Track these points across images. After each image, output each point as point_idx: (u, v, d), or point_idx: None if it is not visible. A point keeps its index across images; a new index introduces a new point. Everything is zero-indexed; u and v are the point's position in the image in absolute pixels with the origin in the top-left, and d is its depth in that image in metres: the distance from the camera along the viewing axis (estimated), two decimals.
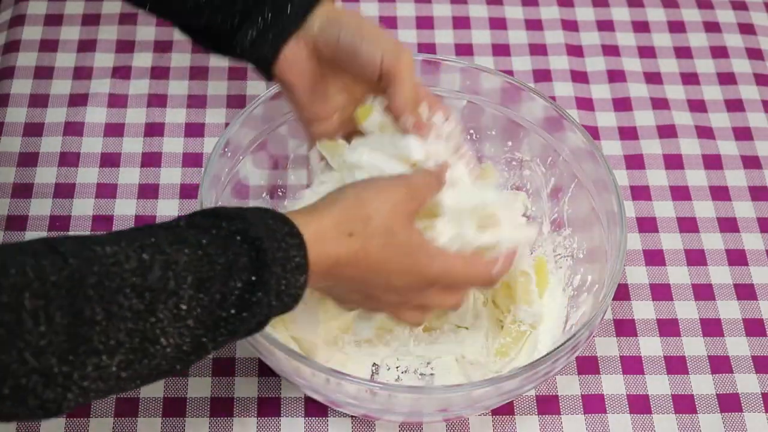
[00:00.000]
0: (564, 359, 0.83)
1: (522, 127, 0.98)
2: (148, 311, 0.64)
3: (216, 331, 0.68)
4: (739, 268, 1.00)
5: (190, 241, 0.67)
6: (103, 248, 0.64)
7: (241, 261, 0.68)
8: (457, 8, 1.21)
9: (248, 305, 0.68)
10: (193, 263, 0.66)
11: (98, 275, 0.63)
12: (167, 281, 0.65)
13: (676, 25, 1.21)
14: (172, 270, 0.65)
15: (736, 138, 1.11)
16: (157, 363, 0.66)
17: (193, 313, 0.66)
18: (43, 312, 0.60)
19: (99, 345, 0.62)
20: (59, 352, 0.61)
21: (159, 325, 0.64)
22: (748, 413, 0.91)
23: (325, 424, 0.89)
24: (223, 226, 0.69)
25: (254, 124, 0.95)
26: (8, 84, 1.11)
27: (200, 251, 0.67)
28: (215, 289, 0.66)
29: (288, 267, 0.70)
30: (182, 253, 0.66)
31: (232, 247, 0.68)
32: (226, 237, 0.68)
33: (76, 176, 1.04)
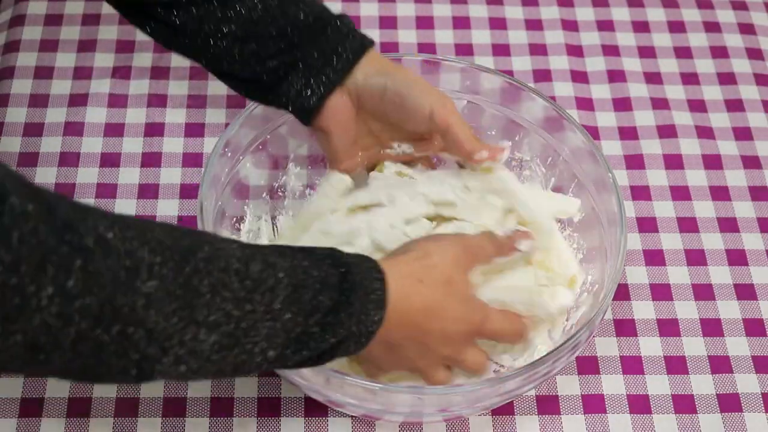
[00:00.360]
0: (564, 359, 0.83)
1: (522, 127, 0.98)
2: (246, 299, 0.66)
3: (297, 343, 0.70)
4: (739, 268, 1.01)
5: (287, 253, 0.70)
6: (210, 235, 0.68)
7: (331, 280, 0.71)
8: (457, 8, 1.21)
9: (331, 324, 0.70)
10: (289, 269, 0.69)
11: (208, 252, 0.65)
12: (267, 277, 0.67)
13: (676, 25, 1.21)
14: (271, 269, 0.68)
15: (736, 138, 1.11)
16: (244, 358, 0.68)
17: (282, 316, 0.68)
18: (158, 267, 0.62)
19: (200, 316, 0.64)
20: (166, 311, 0.63)
21: (253, 316, 0.66)
22: (748, 413, 0.91)
23: (325, 424, 0.89)
24: (316, 252, 0.73)
25: (254, 124, 0.95)
26: (8, 84, 1.11)
27: (296, 261, 0.70)
28: (306, 298, 0.69)
29: (371, 297, 0.73)
30: (281, 259, 0.69)
31: (324, 267, 0.71)
32: (318, 259, 0.72)
33: (76, 176, 1.04)
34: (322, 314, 0.70)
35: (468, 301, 0.81)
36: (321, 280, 0.70)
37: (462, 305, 0.80)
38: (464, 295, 0.81)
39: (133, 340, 0.62)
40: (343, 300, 0.71)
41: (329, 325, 0.70)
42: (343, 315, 0.71)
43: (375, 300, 0.73)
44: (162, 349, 0.63)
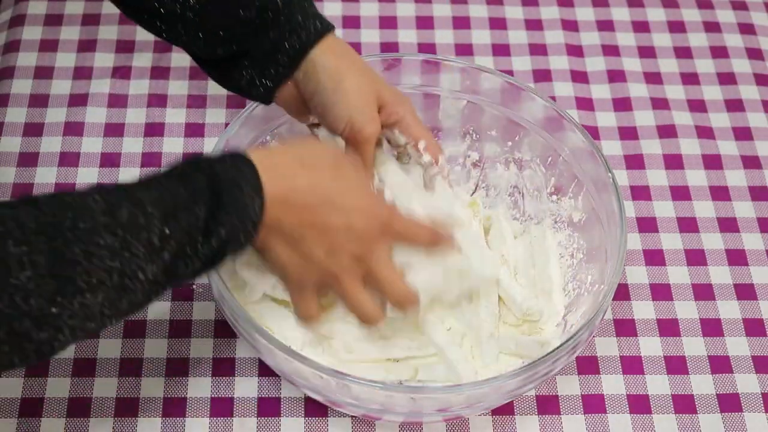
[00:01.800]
0: (564, 359, 0.83)
1: (522, 127, 0.98)
2: (123, 248, 0.67)
3: (187, 259, 0.70)
4: (739, 268, 1.01)
5: (152, 183, 0.71)
6: (71, 197, 0.67)
7: (201, 189, 0.71)
8: (457, 8, 1.21)
9: (215, 227, 0.71)
10: (158, 200, 0.69)
11: (72, 219, 0.66)
12: (136, 217, 0.68)
13: (676, 25, 1.21)
14: (139, 207, 0.68)
15: (736, 138, 1.11)
16: (137, 297, 0.69)
17: (165, 245, 0.69)
18: (27, 257, 0.63)
19: (83, 284, 0.65)
20: (47, 294, 0.64)
21: (135, 260, 0.67)
22: (748, 413, 0.91)
23: (325, 424, 0.89)
24: (179, 166, 0.72)
25: (254, 124, 0.95)
26: (8, 84, 1.11)
27: (162, 187, 0.70)
28: (182, 219, 0.69)
29: (245, 189, 0.72)
30: (147, 192, 0.69)
31: (191, 179, 0.71)
32: (183, 173, 0.72)
33: (76, 176, 1.04)
34: (203, 223, 0.70)
35: (366, 190, 0.81)
36: (191, 195, 0.70)
37: (360, 192, 0.79)
38: (359, 183, 0.80)
39: (24, 333, 0.64)
40: (215, 201, 0.71)
41: (211, 231, 0.71)
42: (222, 213, 0.71)
43: (250, 189, 0.73)
44: (55, 328, 0.65)
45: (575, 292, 0.93)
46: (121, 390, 0.90)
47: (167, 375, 0.91)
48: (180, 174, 0.72)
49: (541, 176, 0.99)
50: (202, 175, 0.72)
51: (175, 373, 0.91)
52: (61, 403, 0.89)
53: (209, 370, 0.91)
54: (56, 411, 0.88)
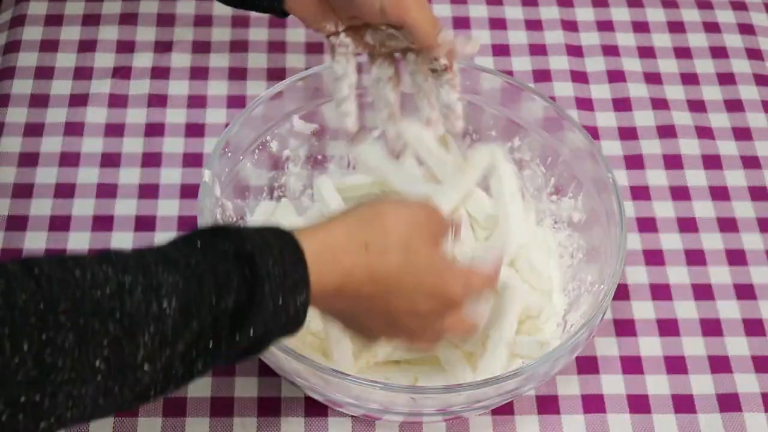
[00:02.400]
0: (564, 359, 0.83)
1: (522, 127, 0.98)
2: (127, 337, 0.60)
3: (210, 353, 0.64)
4: (739, 268, 1.00)
5: (178, 262, 0.63)
6: (83, 271, 0.61)
7: (233, 279, 0.64)
8: (457, 8, 1.21)
9: (241, 326, 0.64)
10: (179, 285, 0.62)
11: (72, 301, 0.59)
12: (149, 306, 0.61)
13: (676, 25, 1.21)
14: (155, 293, 0.62)
15: (735, 138, 1.11)
16: (142, 388, 0.63)
17: (179, 337, 0.62)
18: (9, 340, 0.57)
19: (71, 373, 0.59)
20: (27, 381, 0.58)
21: (141, 351, 0.61)
22: (747, 413, 0.91)
23: (325, 424, 0.89)
24: (218, 244, 0.65)
25: (254, 124, 0.95)
26: (8, 84, 1.11)
27: (188, 271, 0.63)
28: (204, 313, 0.63)
29: (286, 284, 0.65)
30: (169, 274, 0.62)
31: (223, 264, 0.64)
32: (217, 255, 0.64)
33: (76, 176, 1.04)
34: (229, 318, 0.64)
35: (441, 274, 0.73)
36: (219, 285, 0.63)
37: (432, 278, 0.72)
38: (431, 267, 0.72)
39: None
40: (248, 299, 0.64)
41: (239, 326, 0.64)
42: (253, 313, 0.64)
43: (292, 285, 0.65)
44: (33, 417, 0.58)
45: (575, 292, 0.93)
46: None
47: None
48: (215, 255, 0.64)
49: (541, 176, 0.99)
50: (238, 261, 0.64)
51: None
52: None
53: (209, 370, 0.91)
54: None
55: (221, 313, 0.63)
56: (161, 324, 0.61)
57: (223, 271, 0.64)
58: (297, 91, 0.97)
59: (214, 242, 0.65)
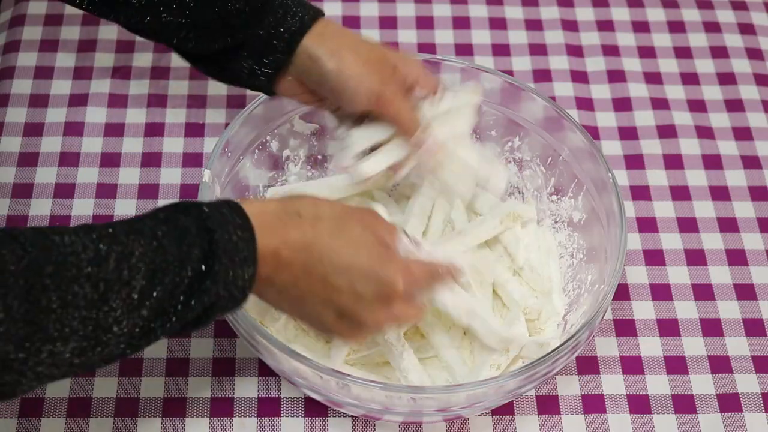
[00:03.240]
0: (564, 359, 0.83)
1: (522, 127, 0.98)
2: (101, 300, 0.65)
3: (166, 318, 0.69)
4: (739, 268, 1.01)
5: (146, 233, 0.69)
6: (61, 238, 0.65)
7: (194, 252, 0.69)
8: (457, 8, 1.21)
9: (197, 294, 0.69)
10: (147, 254, 0.67)
11: (55, 264, 0.64)
12: (121, 272, 0.66)
13: (676, 25, 1.21)
14: (127, 261, 0.67)
15: (736, 138, 1.11)
16: (110, 350, 0.68)
17: (145, 302, 0.67)
18: (2, 300, 0.62)
19: (54, 332, 0.64)
20: (16, 339, 0.63)
21: (112, 314, 0.66)
22: (748, 413, 0.91)
23: (325, 424, 0.89)
24: (180, 219, 0.70)
25: (254, 124, 0.95)
26: (8, 84, 1.11)
27: (155, 242, 0.68)
28: (168, 279, 0.68)
29: (236, 259, 0.70)
30: (138, 244, 0.68)
31: (187, 237, 0.69)
32: (182, 229, 0.70)
33: (76, 176, 1.04)
34: (186, 285, 0.69)
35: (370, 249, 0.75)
36: (181, 256, 0.68)
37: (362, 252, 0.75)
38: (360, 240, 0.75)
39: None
40: (206, 270, 0.69)
41: (195, 295, 0.69)
42: (208, 282, 0.69)
43: (242, 261, 0.70)
44: (18, 373, 0.64)
45: (575, 292, 0.93)
46: (121, 390, 0.90)
47: (167, 375, 0.91)
48: (176, 227, 0.69)
49: (541, 176, 0.99)
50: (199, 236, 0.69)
51: (175, 373, 0.91)
52: (61, 403, 0.89)
53: (209, 370, 0.91)
54: (56, 411, 0.88)
55: (181, 281, 0.69)
56: (130, 289, 0.67)
57: (186, 244, 0.69)
58: None
59: (178, 218, 0.70)
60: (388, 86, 0.86)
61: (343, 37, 0.88)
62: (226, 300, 0.71)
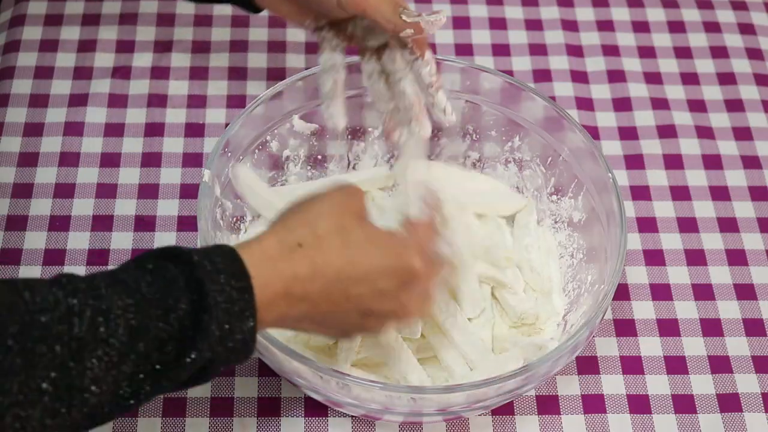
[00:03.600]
0: (564, 359, 0.83)
1: (522, 127, 0.98)
2: (74, 360, 0.62)
3: (157, 377, 0.66)
4: (739, 268, 1.00)
5: (129, 285, 0.65)
6: (32, 294, 0.62)
7: (180, 305, 0.65)
8: (457, 8, 1.21)
9: (188, 350, 0.66)
10: (129, 309, 0.64)
11: (20, 324, 0.61)
12: (97, 329, 0.62)
13: (676, 25, 1.21)
14: (104, 317, 0.63)
15: (736, 138, 1.11)
16: (90, 410, 0.64)
17: (126, 361, 0.63)
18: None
19: (19, 396, 0.60)
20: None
21: (88, 373, 0.62)
22: (748, 413, 0.91)
23: (325, 424, 0.89)
24: (168, 268, 0.66)
25: (254, 124, 0.95)
26: (8, 84, 1.11)
27: (138, 295, 0.64)
28: (152, 336, 0.64)
29: (233, 311, 0.66)
30: (118, 298, 0.64)
31: (173, 290, 0.65)
32: (167, 280, 0.66)
33: (76, 176, 1.04)
34: (175, 343, 0.65)
35: (379, 242, 0.73)
36: (166, 311, 0.64)
37: (374, 251, 0.72)
38: (369, 236, 0.73)
39: None
40: (196, 326, 0.65)
41: (186, 351, 0.65)
42: (199, 338, 0.65)
43: (238, 312, 0.66)
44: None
45: (575, 292, 0.93)
46: None
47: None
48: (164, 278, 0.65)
49: (541, 176, 0.99)
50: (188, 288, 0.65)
51: None
52: None
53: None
54: None
55: (168, 336, 0.65)
56: (108, 347, 0.63)
57: (173, 297, 0.65)
58: (297, 91, 0.97)
59: (165, 266, 0.66)
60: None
61: None
62: (227, 354, 0.67)
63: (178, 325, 0.65)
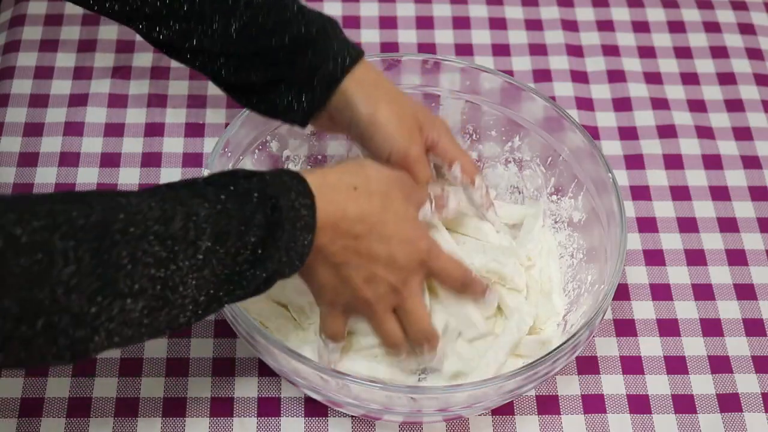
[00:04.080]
0: (564, 359, 0.83)
1: (522, 127, 0.98)
2: (169, 259, 0.67)
3: (228, 284, 0.71)
4: (739, 268, 1.01)
5: (210, 197, 0.70)
6: (127, 198, 0.67)
7: (257, 218, 0.71)
8: (457, 8, 1.21)
9: (260, 260, 0.71)
10: (212, 216, 0.69)
11: (123, 222, 0.65)
12: (187, 231, 0.67)
13: (676, 25, 1.21)
14: (193, 221, 0.68)
15: (736, 138, 1.11)
16: (176, 313, 0.69)
17: (209, 265, 0.69)
18: (73, 252, 0.63)
19: (125, 288, 0.65)
20: (88, 293, 0.64)
21: (179, 273, 0.67)
22: (748, 413, 0.91)
23: (325, 424, 0.89)
24: (242, 183, 0.72)
25: (254, 124, 0.95)
26: (8, 84, 1.11)
27: (219, 206, 0.70)
28: (231, 242, 0.69)
29: (298, 225, 0.73)
30: (202, 207, 0.69)
31: (249, 203, 0.71)
32: (243, 194, 0.71)
33: (76, 176, 1.04)
34: (251, 252, 0.70)
35: (411, 222, 0.82)
36: (245, 221, 0.70)
37: (405, 224, 0.80)
38: (406, 214, 0.81)
39: (61, 328, 0.63)
40: (269, 236, 0.71)
41: (259, 261, 0.71)
42: (272, 249, 0.71)
43: (303, 227, 0.73)
44: (92, 328, 0.65)
45: (575, 292, 0.93)
46: (121, 390, 0.90)
47: (167, 375, 0.91)
48: (238, 192, 0.71)
49: (541, 176, 0.99)
50: (261, 200, 0.71)
51: (175, 373, 0.91)
52: (61, 403, 0.89)
53: (209, 370, 0.91)
54: (56, 411, 0.88)
55: (244, 246, 0.70)
56: (196, 249, 0.68)
57: (249, 210, 0.71)
58: None
59: (240, 183, 0.72)
60: (414, 146, 0.87)
61: (381, 86, 0.89)
62: (286, 265, 0.73)
63: (253, 235, 0.70)
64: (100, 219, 0.65)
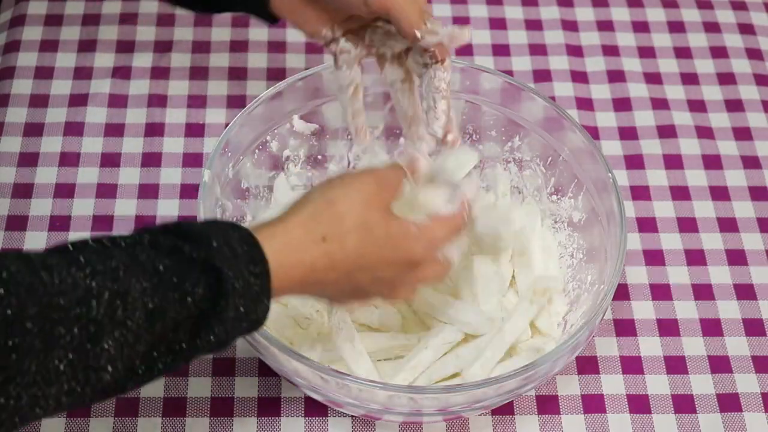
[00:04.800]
0: (564, 359, 0.83)
1: (522, 127, 0.98)
2: (92, 341, 0.62)
3: (170, 356, 0.67)
4: (739, 268, 1.01)
5: (146, 267, 0.65)
6: (50, 275, 0.61)
7: (198, 289, 0.66)
8: (457, 8, 1.21)
9: (203, 333, 0.67)
10: (147, 292, 0.64)
11: (39, 306, 0.60)
12: (114, 312, 0.63)
13: (676, 25, 1.21)
14: (121, 300, 0.63)
15: (736, 138, 1.11)
16: (103, 387, 0.64)
17: (142, 341, 0.64)
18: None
19: (36, 376, 0.61)
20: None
21: (104, 354, 0.63)
22: (747, 413, 0.91)
23: (325, 424, 0.89)
24: (185, 251, 0.67)
25: (254, 124, 0.95)
26: (8, 84, 1.11)
27: (156, 279, 0.65)
28: (168, 319, 0.65)
29: (248, 295, 0.68)
30: (136, 281, 0.64)
31: (191, 274, 0.66)
32: (186, 262, 0.66)
33: (76, 176, 1.04)
34: (191, 325, 0.66)
35: (398, 244, 0.76)
36: (184, 295, 0.65)
37: (391, 250, 0.75)
38: (388, 238, 0.75)
39: None
40: (213, 311, 0.66)
41: (200, 333, 0.67)
42: (215, 323, 0.67)
43: (254, 296, 0.68)
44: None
45: (575, 292, 0.93)
46: None
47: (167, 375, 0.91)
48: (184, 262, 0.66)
49: (541, 176, 0.99)
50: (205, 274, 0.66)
51: (175, 373, 0.91)
52: None
53: (209, 370, 0.91)
54: None
55: (185, 319, 0.66)
56: (125, 329, 0.63)
57: (190, 281, 0.66)
58: (297, 91, 0.97)
59: (181, 248, 0.67)
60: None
61: None
62: (239, 332, 0.70)
63: (195, 308, 0.66)
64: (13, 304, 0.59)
